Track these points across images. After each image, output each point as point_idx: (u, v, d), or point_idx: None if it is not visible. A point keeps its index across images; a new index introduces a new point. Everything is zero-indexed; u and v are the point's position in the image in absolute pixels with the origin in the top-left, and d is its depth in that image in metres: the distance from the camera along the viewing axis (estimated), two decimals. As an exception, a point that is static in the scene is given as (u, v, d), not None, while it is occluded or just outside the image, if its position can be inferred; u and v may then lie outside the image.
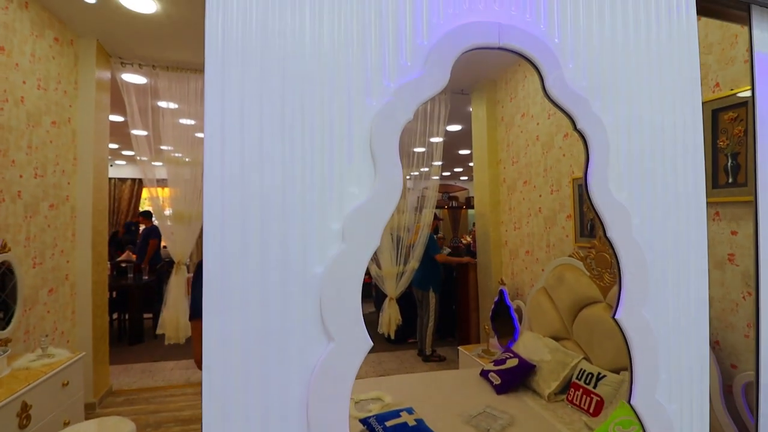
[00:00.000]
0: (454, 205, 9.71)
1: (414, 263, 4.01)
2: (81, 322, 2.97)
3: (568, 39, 0.71)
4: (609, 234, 0.71)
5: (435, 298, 4.14)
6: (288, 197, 0.55)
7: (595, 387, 2.18)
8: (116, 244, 6.58)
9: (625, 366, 2.20)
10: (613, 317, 0.72)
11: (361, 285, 0.55)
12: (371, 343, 0.55)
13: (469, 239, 8.13)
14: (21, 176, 2.40)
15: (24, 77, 2.44)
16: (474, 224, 10.62)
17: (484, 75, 3.79)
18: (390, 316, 4.08)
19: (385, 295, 4.12)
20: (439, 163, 4.23)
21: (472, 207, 9.00)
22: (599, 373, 2.22)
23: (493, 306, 3.53)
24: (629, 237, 0.71)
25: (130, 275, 5.28)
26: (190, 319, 1.18)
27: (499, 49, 0.65)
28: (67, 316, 2.85)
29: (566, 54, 0.70)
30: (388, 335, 4.15)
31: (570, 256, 2.68)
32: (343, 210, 0.55)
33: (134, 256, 6.33)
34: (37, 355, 2.09)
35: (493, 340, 3.47)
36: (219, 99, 0.54)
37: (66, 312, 2.84)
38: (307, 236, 0.55)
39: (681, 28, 0.79)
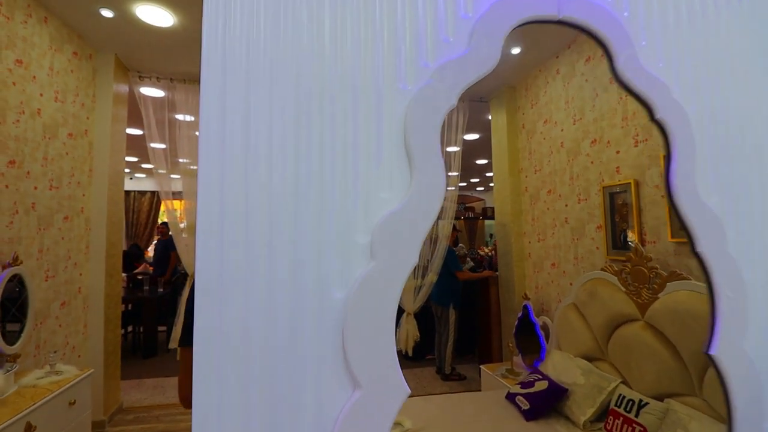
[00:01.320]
0: (470, 216, 9.52)
1: (432, 276, 3.86)
2: (93, 337, 2.91)
3: (640, 12, 0.59)
4: (698, 249, 0.57)
5: (454, 314, 3.97)
6: (302, 204, 0.44)
7: (637, 416, 1.98)
8: (130, 256, 6.62)
9: (669, 392, 2.00)
10: (706, 353, 0.58)
11: (395, 314, 0.43)
12: (409, 391, 0.43)
13: (486, 250, 7.91)
14: (35, 188, 2.38)
15: (41, 90, 2.45)
16: (491, 235, 10.41)
17: (503, 81, 3.68)
18: (407, 332, 3.92)
19: (402, 310, 3.97)
20: (457, 173, 4.11)
21: (489, 218, 8.80)
22: (641, 400, 2.02)
23: (516, 322, 3.34)
24: (723, 252, 0.57)
25: (146, 287, 5.28)
26: (180, 344, 1.02)
27: (559, 23, 0.54)
28: (78, 330, 2.80)
29: (637, 30, 0.58)
30: (406, 352, 3.99)
31: (602, 269, 2.50)
32: (371, 219, 0.44)
33: (151, 269, 6.36)
34: (44, 372, 2.02)
35: (517, 359, 3.27)
36: (218, 81, 0.43)
37: (78, 326, 2.79)
38: (326, 252, 0.43)
39: None
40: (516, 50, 3.04)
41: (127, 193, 8.78)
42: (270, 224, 0.43)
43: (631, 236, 2.50)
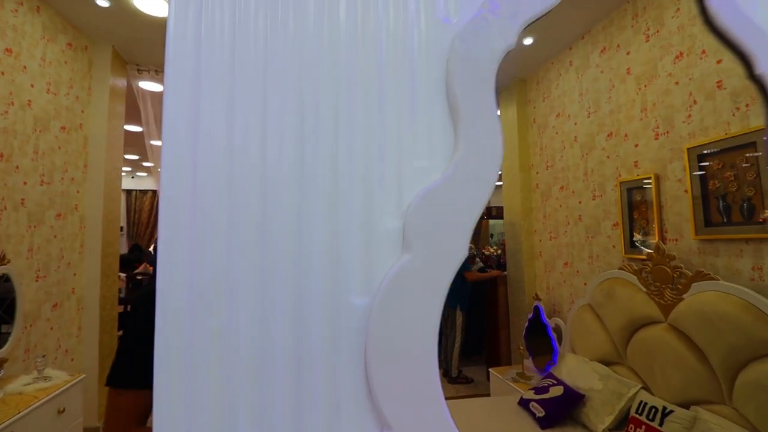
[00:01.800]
0: (474, 216, 9.35)
1: (439, 276, 3.74)
2: (87, 340, 2.80)
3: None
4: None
5: (462, 316, 3.86)
6: (309, 179, 0.32)
7: (661, 424, 1.86)
8: (131, 260, 6.50)
9: (695, 400, 1.87)
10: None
11: (438, 327, 0.31)
12: (458, 435, 0.31)
13: (492, 250, 7.77)
14: (25, 183, 2.27)
15: (32, 80, 2.34)
16: (492, 235, 10.26)
17: (513, 74, 3.56)
18: (413, 334, 3.80)
19: (408, 311, 3.85)
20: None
21: (494, 217, 8.66)
22: (665, 408, 1.89)
23: (526, 324, 3.22)
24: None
25: (145, 288, 5.17)
26: (109, 384, 0.68)
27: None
28: (72, 333, 2.69)
29: (731, -37, 0.46)
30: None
31: (620, 269, 2.37)
32: (403, 198, 0.32)
33: (151, 268, 6.26)
34: (32, 378, 1.91)
35: (528, 362, 3.15)
36: (191, 19, 0.31)
37: (71, 328, 2.68)
38: (342, 243, 0.32)
39: None
40: (528, 41, 2.92)
41: (129, 192, 8.70)
42: (263, 207, 0.32)
43: (637, 236, 2.39)
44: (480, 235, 10.16)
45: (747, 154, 1.79)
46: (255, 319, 0.29)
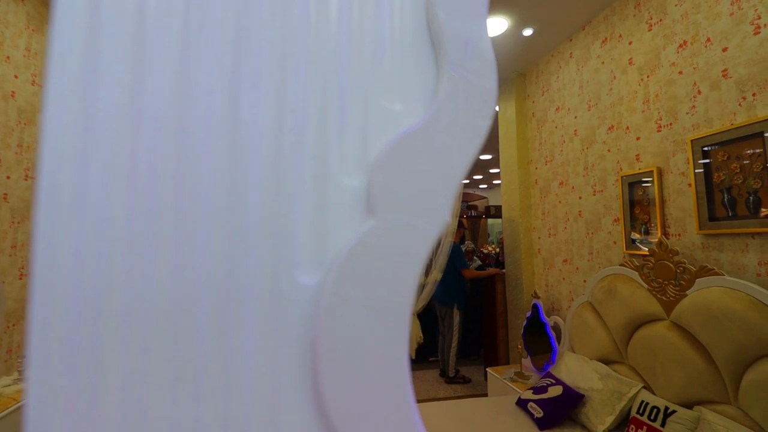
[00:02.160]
0: (473, 215, 9.33)
1: (437, 274, 3.68)
2: (75, 338, 2.73)
3: None
4: None
5: (459, 315, 3.79)
6: (242, 119, 0.25)
7: (663, 425, 1.80)
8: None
9: (699, 399, 1.81)
10: None
11: (410, 315, 0.24)
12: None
13: (490, 249, 7.72)
14: (8, 177, 2.19)
15: (15, 71, 2.26)
16: (489, 235, 10.22)
17: (512, 68, 3.49)
18: (411, 334, 3.74)
19: (404, 309, 3.78)
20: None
21: (492, 216, 8.61)
22: (667, 408, 1.83)
23: (525, 322, 3.16)
24: None
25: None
26: None
27: None
28: (58, 331, 2.61)
29: None
30: (408, 354, 3.81)
31: (621, 265, 2.31)
32: (369, 147, 0.25)
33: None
34: (12, 379, 1.84)
35: (526, 361, 3.09)
36: None
37: (57, 327, 2.61)
38: (286, 204, 0.25)
39: None
40: (528, 32, 2.85)
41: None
42: (178, 156, 0.25)
43: (636, 235, 2.33)
44: (479, 235, 10.11)
45: (750, 151, 1.73)
46: (168, 302, 0.22)
